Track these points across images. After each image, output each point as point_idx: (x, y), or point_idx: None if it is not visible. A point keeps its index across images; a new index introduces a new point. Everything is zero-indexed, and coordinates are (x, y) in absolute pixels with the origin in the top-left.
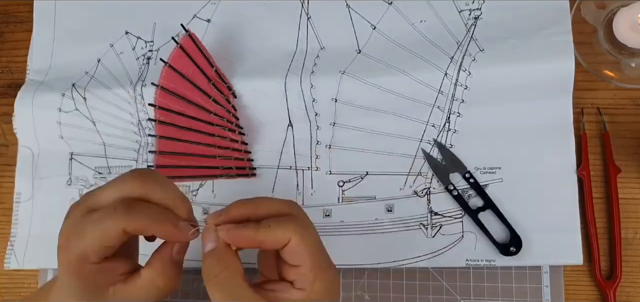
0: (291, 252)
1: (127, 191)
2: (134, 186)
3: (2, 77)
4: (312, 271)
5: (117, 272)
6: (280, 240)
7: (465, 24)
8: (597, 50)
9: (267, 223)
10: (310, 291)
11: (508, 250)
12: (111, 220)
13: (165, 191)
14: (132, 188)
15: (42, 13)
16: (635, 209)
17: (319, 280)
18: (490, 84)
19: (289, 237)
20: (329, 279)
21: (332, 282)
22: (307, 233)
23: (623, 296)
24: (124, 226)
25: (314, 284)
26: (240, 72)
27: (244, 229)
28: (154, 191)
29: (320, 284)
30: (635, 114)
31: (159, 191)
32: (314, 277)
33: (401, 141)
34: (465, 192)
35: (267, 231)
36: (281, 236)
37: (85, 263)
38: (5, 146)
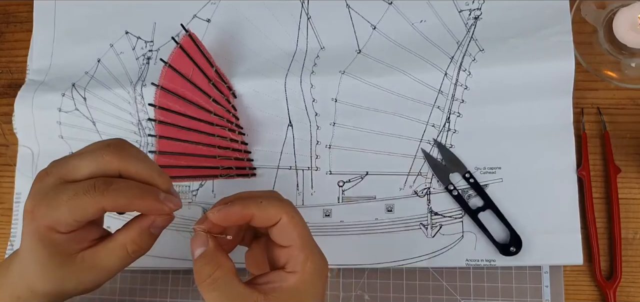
0: (282, 230)
1: (105, 165)
2: (112, 161)
3: (2, 77)
4: (302, 251)
5: (87, 239)
6: (271, 216)
7: (465, 24)
8: (597, 50)
9: (259, 200)
10: (302, 273)
11: (508, 250)
12: (90, 197)
13: (143, 165)
14: (110, 163)
15: (42, 13)
16: (635, 209)
17: (310, 261)
18: (491, 84)
19: (280, 215)
20: (319, 263)
21: (323, 268)
22: (296, 214)
23: (623, 296)
24: (104, 204)
25: (306, 265)
26: (240, 72)
27: (233, 205)
28: (132, 165)
29: (311, 265)
30: (635, 114)
31: (137, 165)
32: (305, 258)
33: (401, 141)
34: (465, 192)
35: (258, 206)
36: (273, 213)
37: (54, 232)
38: (5, 146)
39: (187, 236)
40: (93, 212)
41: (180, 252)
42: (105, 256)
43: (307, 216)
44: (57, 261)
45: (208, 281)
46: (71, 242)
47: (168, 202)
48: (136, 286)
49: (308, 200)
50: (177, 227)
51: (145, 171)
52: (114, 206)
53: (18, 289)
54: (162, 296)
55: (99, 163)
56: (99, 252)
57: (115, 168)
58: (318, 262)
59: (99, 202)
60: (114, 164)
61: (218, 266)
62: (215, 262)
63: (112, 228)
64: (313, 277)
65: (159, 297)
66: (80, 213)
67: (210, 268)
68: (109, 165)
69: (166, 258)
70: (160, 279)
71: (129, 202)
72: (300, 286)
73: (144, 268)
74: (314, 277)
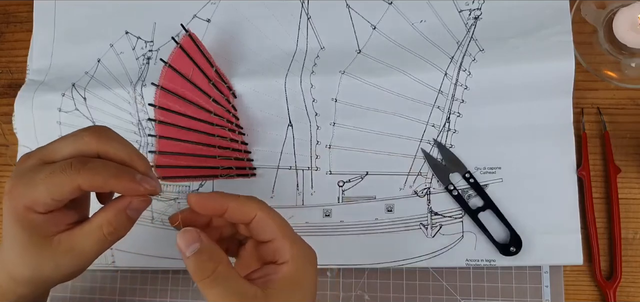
0: (260, 225)
1: (84, 146)
2: (91, 142)
3: (2, 77)
4: (286, 240)
5: (64, 222)
6: (247, 210)
7: (465, 24)
8: (597, 50)
9: (236, 196)
10: (292, 261)
11: (508, 250)
12: (66, 175)
13: (122, 147)
14: (88, 144)
15: (42, 13)
16: (635, 209)
17: (296, 248)
18: (491, 84)
19: (255, 211)
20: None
21: (311, 255)
22: (272, 211)
23: (623, 296)
24: (80, 182)
25: (293, 252)
26: (240, 72)
27: (212, 196)
28: (111, 147)
29: (298, 252)
30: (635, 114)
31: (116, 146)
32: (291, 246)
33: (401, 141)
34: (465, 192)
35: (236, 200)
36: (249, 207)
37: (31, 213)
38: (5, 146)
39: None
40: (69, 191)
41: (177, 251)
42: (82, 238)
43: (307, 216)
44: (34, 243)
45: (211, 277)
46: (49, 224)
47: (144, 183)
48: (136, 286)
49: (308, 200)
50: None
51: (123, 152)
52: (90, 185)
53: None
54: (162, 296)
55: (78, 144)
56: (76, 234)
57: (93, 149)
58: (304, 249)
59: (75, 179)
60: (92, 145)
61: (220, 261)
62: (216, 257)
63: None
64: (303, 263)
65: (159, 297)
66: (56, 191)
67: (213, 264)
68: (88, 146)
69: (166, 258)
70: (160, 279)
71: (105, 181)
72: (293, 273)
73: (144, 268)
74: (304, 263)
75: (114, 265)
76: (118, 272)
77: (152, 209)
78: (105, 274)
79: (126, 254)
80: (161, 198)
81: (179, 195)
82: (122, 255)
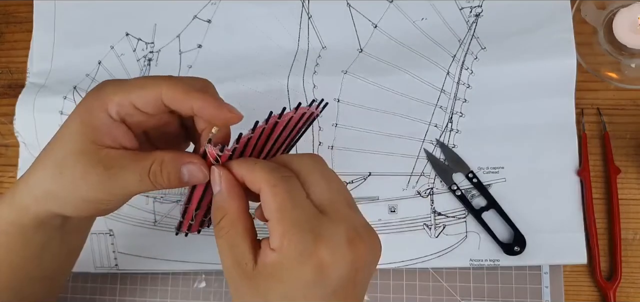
0: (263, 201)
1: None
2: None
3: (2, 78)
4: (278, 226)
5: (121, 142)
6: (254, 182)
7: (467, 22)
8: (597, 51)
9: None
10: (280, 252)
11: (512, 249)
12: (152, 80)
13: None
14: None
15: (42, 14)
16: (635, 209)
17: (287, 239)
18: (493, 82)
19: (260, 183)
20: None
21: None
22: (281, 184)
23: (623, 296)
24: (164, 88)
25: (283, 243)
26: (242, 73)
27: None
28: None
29: (289, 245)
30: (635, 115)
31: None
32: (281, 235)
33: (404, 141)
34: (468, 192)
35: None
36: (255, 178)
37: (102, 111)
38: (5, 146)
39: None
40: (151, 97)
41: (180, 253)
42: (126, 161)
43: None
44: (82, 141)
45: (216, 226)
46: (108, 133)
47: (227, 108)
48: (136, 286)
49: None
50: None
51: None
52: (173, 96)
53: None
54: (162, 296)
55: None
56: (123, 157)
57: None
58: (300, 244)
59: (159, 86)
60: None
61: (225, 213)
62: (223, 208)
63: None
64: (293, 259)
65: (159, 298)
66: (138, 94)
67: (219, 213)
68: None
69: (169, 261)
70: (160, 280)
71: (187, 93)
72: (277, 266)
73: (147, 271)
74: (294, 260)
75: (117, 268)
76: (118, 273)
77: (155, 212)
78: (106, 274)
79: (129, 256)
80: (163, 200)
81: (181, 197)
82: (124, 258)
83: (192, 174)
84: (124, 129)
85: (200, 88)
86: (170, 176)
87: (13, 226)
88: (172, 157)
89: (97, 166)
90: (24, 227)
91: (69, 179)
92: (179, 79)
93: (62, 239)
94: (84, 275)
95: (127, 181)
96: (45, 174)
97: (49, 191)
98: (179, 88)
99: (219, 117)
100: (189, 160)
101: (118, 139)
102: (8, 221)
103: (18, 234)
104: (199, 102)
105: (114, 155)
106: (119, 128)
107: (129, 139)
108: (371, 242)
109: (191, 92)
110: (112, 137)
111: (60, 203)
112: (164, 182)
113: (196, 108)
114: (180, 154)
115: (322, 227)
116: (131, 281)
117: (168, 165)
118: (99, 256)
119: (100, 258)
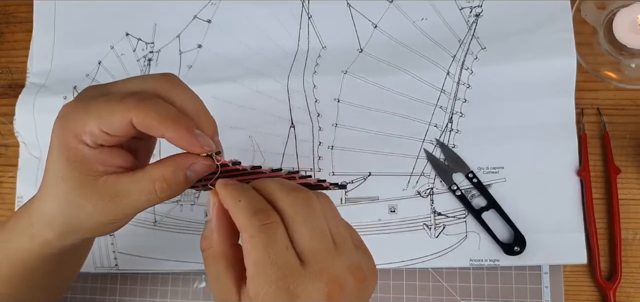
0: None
1: (150, 85)
2: (159, 83)
3: (2, 77)
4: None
5: (114, 163)
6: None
7: (467, 22)
8: (597, 51)
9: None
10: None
11: (512, 249)
12: (120, 105)
13: (191, 99)
14: (155, 83)
15: (42, 14)
16: (635, 209)
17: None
18: (493, 82)
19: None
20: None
21: None
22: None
23: (623, 296)
24: (133, 116)
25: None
26: (242, 73)
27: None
28: (179, 95)
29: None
30: (635, 115)
31: (185, 97)
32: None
33: (404, 141)
34: (468, 192)
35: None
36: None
37: (78, 142)
38: (5, 146)
39: (187, 237)
40: (120, 123)
41: (180, 254)
42: (130, 185)
43: None
44: (75, 179)
45: (204, 253)
46: (95, 160)
47: (202, 140)
48: (136, 286)
49: None
50: (179, 229)
51: (190, 103)
52: (143, 122)
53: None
54: (162, 296)
55: (146, 83)
56: (124, 180)
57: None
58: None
59: (128, 112)
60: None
61: (209, 246)
62: (209, 239)
63: None
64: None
65: (159, 298)
66: (106, 121)
67: (205, 243)
68: (155, 85)
69: (169, 261)
70: (160, 280)
71: (160, 121)
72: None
73: (147, 271)
74: None
75: (117, 268)
76: (118, 273)
77: (155, 212)
78: (106, 274)
79: (129, 257)
80: None
81: (181, 197)
82: (125, 258)
83: (200, 171)
84: (107, 150)
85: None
86: (179, 186)
87: (33, 254)
88: (172, 170)
89: (102, 197)
90: (45, 255)
91: (83, 213)
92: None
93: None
94: (84, 275)
95: (135, 202)
96: (59, 206)
97: (69, 224)
98: (150, 116)
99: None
100: (190, 162)
101: (109, 162)
102: (29, 250)
103: (38, 260)
104: (170, 133)
105: (114, 181)
106: (103, 152)
107: (120, 156)
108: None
109: (164, 122)
110: (101, 162)
111: (81, 233)
112: (175, 192)
113: (168, 138)
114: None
115: (299, 286)
116: (131, 281)
117: (171, 179)
118: (99, 256)
119: (100, 258)
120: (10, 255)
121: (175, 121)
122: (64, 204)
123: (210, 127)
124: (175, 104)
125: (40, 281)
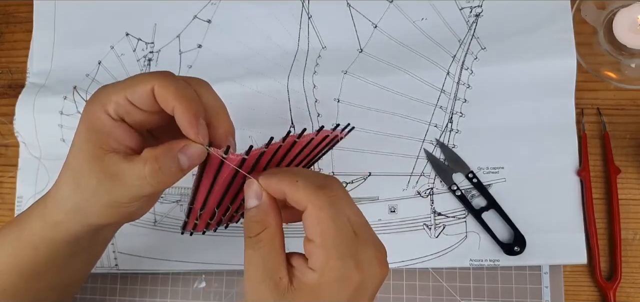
0: (307, 221)
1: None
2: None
3: (2, 78)
4: (322, 251)
5: (126, 143)
6: (299, 200)
7: (467, 22)
8: (597, 51)
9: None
10: (321, 275)
11: (512, 249)
12: (146, 75)
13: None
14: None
15: (42, 14)
16: (635, 209)
17: (329, 265)
18: (493, 82)
19: (306, 203)
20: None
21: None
22: (327, 207)
23: (623, 297)
24: (156, 84)
25: (325, 268)
26: (242, 73)
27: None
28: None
29: (331, 271)
30: (635, 115)
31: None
32: (325, 260)
33: (404, 141)
34: (468, 192)
35: (291, 185)
36: (300, 197)
37: (102, 112)
38: (5, 146)
39: (187, 237)
40: (143, 91)
41: (180, 254)
42: (126, 167)
43: None
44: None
45: (253, 239)
46: (111, 135)
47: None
48: (136, 286)
49: None
50: (178, 229)
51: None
52: (161, 93)
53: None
54: (162, 296)
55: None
56: (124, 161)
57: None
58: (341, 269)
59: (152, 80)
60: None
61: (265, 227)
62: (264, 221)
63: None
64: (333, 284)
65: (159, 298)
66: (131, 89)
67: (259, 226)
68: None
69: (169, 261)
70: (160, 280)
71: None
72: (316, 287)
73: (147, 271)
74: (334, 283)
75: (117, 268)
76: (118, 273)
77: (155, 212)
78: (106, 274)
79: (129, 257)
80: (163, 201)
81: (181, 197)
82: (124, 258)
83: (192, 157)
84: (125, 128)
85: (190, 96)
86: (171, 169)
87: (44, 241)
88: (164, 150)
89: (105, 173)
90: (55, 241)
91: (88, 188)
92: (174, 79)
93: (89, 249)
94: None
95: (128, 186)
96: (68, 188)
97: (76, 204)
98: (169, 90)
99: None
100: (183, 144)
101: (121, 140)
102: (40, 236)
103: (47, 247)
104: (178, 109)
105: (117, 160)
106: (120, 128)
107: (132, 138)
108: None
109: (179, 98)
110: (114, 137)
111: (87, 214)
112: (166, 177)
113: (176, 115)
114: (171, 143)
115: (359, 252)
116: (131, 281)
117: (163, 160)
118: None
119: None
120: (20, 245)
121: (188, 101)
122: (74, 177)
123: (225, 126)
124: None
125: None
